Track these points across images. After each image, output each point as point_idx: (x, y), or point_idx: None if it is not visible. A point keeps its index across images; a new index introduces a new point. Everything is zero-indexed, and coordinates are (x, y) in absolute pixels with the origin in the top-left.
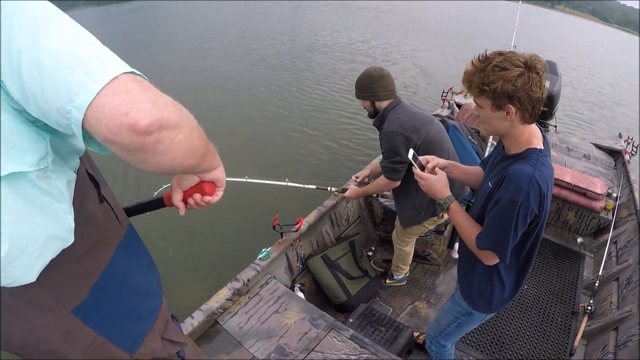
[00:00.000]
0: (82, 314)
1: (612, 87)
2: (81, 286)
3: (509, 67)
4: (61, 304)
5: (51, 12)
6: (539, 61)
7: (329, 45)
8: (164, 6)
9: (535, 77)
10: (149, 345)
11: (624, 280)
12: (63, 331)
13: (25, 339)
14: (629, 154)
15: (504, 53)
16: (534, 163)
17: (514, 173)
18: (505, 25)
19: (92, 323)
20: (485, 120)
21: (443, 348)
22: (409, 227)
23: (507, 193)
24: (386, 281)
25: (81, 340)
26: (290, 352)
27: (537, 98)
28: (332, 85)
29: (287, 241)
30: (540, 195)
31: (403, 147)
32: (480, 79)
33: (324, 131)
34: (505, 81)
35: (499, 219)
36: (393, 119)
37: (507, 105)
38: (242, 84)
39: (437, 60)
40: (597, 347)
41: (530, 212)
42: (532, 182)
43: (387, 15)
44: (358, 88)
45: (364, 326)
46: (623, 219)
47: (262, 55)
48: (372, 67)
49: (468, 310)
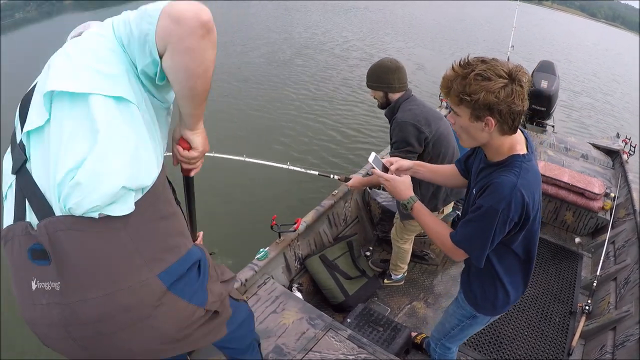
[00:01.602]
0: (166, 279)
1: (612, 86)
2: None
3: (492, 77)
4: (148, 266)
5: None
6: (523, 73)
7: (325, 43)
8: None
9: (518, 89)
10: (214, 292)
11: (621, 280)
12: (154, 295)
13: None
14: (626, 153)
15: (487, 61)
16: (517, 171)
17: (497, 183)
18: (497, 22)
19: (174, 289)
20: (462, 130)
21: (448, 350)
22: (408, 222)
23: (489, 201)
24: (384, 281)
25: (168, 305)
26: (288, 352)
27: (519, 111)
28: (338, 79)
29: (285, 241)
30: (523, 204)
31: (414, 138)
32: (461, 86)
33: (330, 121)
34: (487, 92)
35: (478, 224)
36: (406, 110)
37: (486, 117)
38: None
39: (436, 59)
40: (595, 347)
41: (510, 221)
42: (515, 192)
43: (385, 16)
44: (372, 78)
45: (361, 326)
46: (621, 218)
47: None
48: (386, 58)
49: (472, 313)
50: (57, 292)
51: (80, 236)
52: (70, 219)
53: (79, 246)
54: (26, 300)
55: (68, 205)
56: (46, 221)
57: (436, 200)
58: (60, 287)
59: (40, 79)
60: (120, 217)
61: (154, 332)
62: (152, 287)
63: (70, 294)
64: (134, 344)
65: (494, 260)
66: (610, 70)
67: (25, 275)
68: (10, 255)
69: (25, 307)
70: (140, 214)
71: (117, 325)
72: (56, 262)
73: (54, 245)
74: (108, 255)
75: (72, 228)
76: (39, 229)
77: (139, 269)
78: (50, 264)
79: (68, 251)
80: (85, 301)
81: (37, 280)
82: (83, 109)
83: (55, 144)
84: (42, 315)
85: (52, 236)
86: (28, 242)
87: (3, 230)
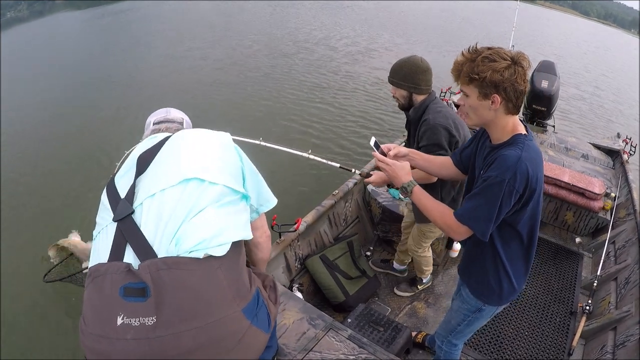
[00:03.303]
0: (248, 314)
1: (611, 86)
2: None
3: (498, 59)
4: (236, 301)
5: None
6: (524, 58)
7: (320, 42)
8: (147, 7)
9: (520, 70)
10: (273, 313)
11: (622, 280)
12: (241, 328)
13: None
14: (627, 153)
15: (492, 47)
16: (521, 146)
17: (503, 155)
18: (493, 22)
19: (255, 321)
20: (470, 110)
21: (454, 347)
22: (426, 227)
23: (495, 171)
24: (418, 287)
25: (250, 336)
26: (289, 352)
27: (521, 90)
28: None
29: (285, 241)
30: (527, 175)
31: (447, 142)
32: (470, 68)
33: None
34: (493, 71)
35: (485, 196)
36: (436, 112)
37: (493, 94)
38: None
39: (434, 59)
40: (596, 347)
41: (515, 192)
42: (520, 162)
43: (385, 16)
44: (398, 75)
45: (362, 326)
46: (621, 218)
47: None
48: (416, 56)
49: (478, 306)
50: (148, 327)
51: (180, 274)
52: (171, 259)
53: (179, 284)
54: (107, 333)
55: (182, 240)
56: (150, 262)
57: (455, 205)
58: (154, 322)
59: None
60: (217, 257)
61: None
62: (239, 320)
63: (163, 328)
64: None
65: (498, 245)
66: (610, 70)
67: (111, 311)
68: (96, 290)
69: (101, 341)
70: (230, 257)
71: (205, 357)
72: (156, 297)
73: (156, 283)
74: (205, 290)
75: (173, 267)
76: (141, 268)
77: (229, 303)
78: (147, 301)
79: (168, 288)
80: (179, 334)
81: (124, 316)
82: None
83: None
84: (121, 350)
85: (154, 274)
86: (123, 281)
87: (94, 266)
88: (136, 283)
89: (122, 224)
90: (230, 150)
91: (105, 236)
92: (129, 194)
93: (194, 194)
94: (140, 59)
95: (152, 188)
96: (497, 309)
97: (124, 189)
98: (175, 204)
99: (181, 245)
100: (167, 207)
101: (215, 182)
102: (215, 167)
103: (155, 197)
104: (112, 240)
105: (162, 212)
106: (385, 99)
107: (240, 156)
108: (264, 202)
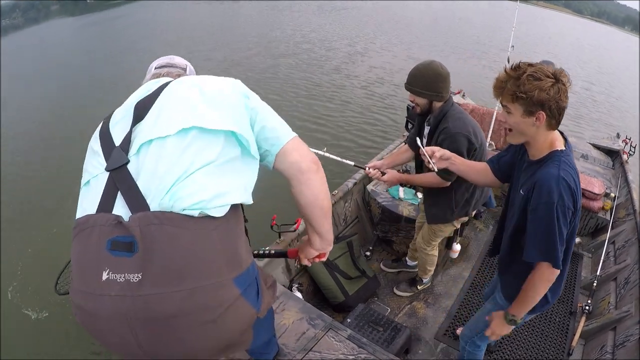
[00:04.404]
0: (240, 284)
1: (611, 86)
2: (243, 262)
3: (543, 77)
4: (228, 269)
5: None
6: (564, 74)
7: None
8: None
9: (563, 88)
10: (265, 300)
11: (622, 280)
12: (230, 297)
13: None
14: (626, 154)
15: (534, 64)
16: (557, 164)
17: (542, 178)
18: (492, 22)
19: (245, 294)
20: (513, 126)
21: (477, 348)
22: (436, 226)
23: (541, 197)
24: (418, 287)
25: (238, 307)
26: (288, 352)
27: (564, 107)
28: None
29: (285, 241)
30: (571, 191)
31: (466, 150)
32: (516, 86)
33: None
34: (540, 90)
35: (542, 225)
36: (456, 119)
37: (538, 112)
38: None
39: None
40: (595, 347)
41: (568, 209)
42: (560, 181)
43: (384, 16)
44: (419, 84)
45: (362, 326)
46: (621, 219)
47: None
48: (435, 62)
49: None
50: (132, 284)
51: (172, 231)
52: (164, 215)
53: (170, 241)
54: (91, 289)
55: (177, 196)
56: (141, 214)
57: (468, 207)
58: (139, 279)
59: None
60: (214, 219)
61: (221, 333)
62: (228, 288)
63: (148, 287)
64: (198, 343)
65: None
66: (609, 69)
67: (97, 265)
68: (82, 243)
69: (87, 297)
70: (227, 220)
71: (189, 323)
72: (143, 253)
73: (145, 237)
74: (197, 252)
75: (165, 223)
76: (131, 220)
77: (220, 269)
78: (134, 256)
79: (157, 245)
80: (163, 295)
81: (109, 272)
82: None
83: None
84: (106, 307)
85: (143, 229)
86: (111, 233)
87: (82, 218)
88: (124, 236)
89: (115, 174)
90: (235, 93)
91: (96, 185)
92: (124, 142)
93: (193, 145)
94: (139, 62)
95: (149, 135)
96: (527, 317)
97: (119, 137)
98: (173, 156)
99: (176, 202)
100: (165, 159)
101: (217, 129)
102: (217, 113)
103: (152, 145)
104: (102, 191)
105: (159, 164)
106: (385, 98)
107: (246, 96)
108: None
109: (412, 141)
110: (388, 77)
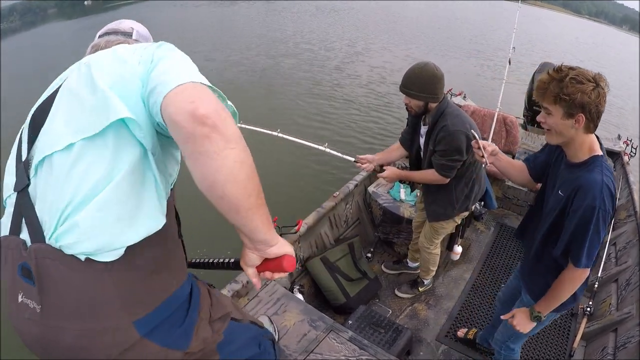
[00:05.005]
0: (143, 327)
1: (611, 86)
2: (151, 299)
3: (584, 81)
4: (127, 311)
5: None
6: (603, 79)
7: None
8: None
9: (602, 92)
10: (200, 336)
11: (623, 281)
12: (127, 341)
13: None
14: (627, 155)
15: (575, 68)
16: (600, 169)
17: (587, 184)
18: (491, 22)
19: (150, 335)
20: (553, 127)
21: (512, 351)
22: (437, 223)
23: (585, 200)
24: (419, 289)
25: (138, 350)
26: (290, 354)
27: (601, 111)
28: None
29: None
30: (612, 197)
31: (465, 147)
32: (559, 88)
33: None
34: (582, 93)
35: (582, 227)
36: (454, 116)
37: (578, 114)
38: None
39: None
40: (597, 348)
41: (608, 214)
42: (604, 188)
43: (383, 16)
44: (415, 86)
45: (363, 328)
46: (622, 220)
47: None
48: (430, 64)
49: None
50: (37, 313)
51: (64, 270)
52: (56, 252)
53: (63, 279)
54: (13, 308)
55: (60, 242)
56: (37, 246)
57: (468, 201)
58: (40, 310)
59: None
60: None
61: None
62: (126, 332)
63: (49, 319)
64: None
65: (565, 265)
66: (607, 68)
67: (14, 287)
68: (3, 263)
69: (12, 315)
70: (127, 260)
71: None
72: (39, 287)
73: (40, 271)
74: (89, 294)
75: (58, 260)
76: (30, 250)
77: (116, 313)
78: (34, 286)
79: (51, 280)
80: (61, 328)
81: (22, 295)
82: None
83: (64, 173)
84: (24, 329)
85: (39, 262)
86: (20, 259)
87: (2, 237)
88: (28, 264)
89: (20, 197)
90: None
91: (10, 205)
92: (27, 159)
93: (80, 161)
94: None
95: (42, 152)
96: (555, 315)
97: (26, 148)
98: (59, 180)
99: (62, 246)
100: (51, 185)
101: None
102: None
103: (44, 165)
104: (11, 212)
105: (47, 191)
106: (384, 96)
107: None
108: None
109: (405, 140)
110: (389, 76)
